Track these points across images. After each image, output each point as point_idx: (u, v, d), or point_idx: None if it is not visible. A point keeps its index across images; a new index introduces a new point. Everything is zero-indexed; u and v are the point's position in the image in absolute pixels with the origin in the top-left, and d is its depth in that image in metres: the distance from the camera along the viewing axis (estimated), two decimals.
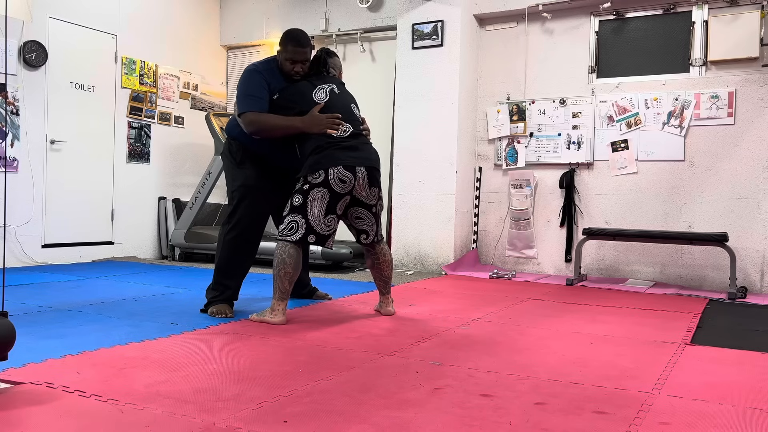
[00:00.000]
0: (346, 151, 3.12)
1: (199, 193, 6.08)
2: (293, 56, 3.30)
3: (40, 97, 5.50)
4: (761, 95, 4.85)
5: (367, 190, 3.19)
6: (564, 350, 2.73)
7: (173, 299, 3.86)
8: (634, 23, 5.36)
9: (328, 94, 3.28)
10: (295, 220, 3.09)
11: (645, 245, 5.18)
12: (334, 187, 3.07)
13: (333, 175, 3.06)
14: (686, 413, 1.92)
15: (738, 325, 3.49)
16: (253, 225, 3.41)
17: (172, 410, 1.84)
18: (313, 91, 3.27)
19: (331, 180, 3.06)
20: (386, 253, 3.41)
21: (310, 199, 3.07)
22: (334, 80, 3.40)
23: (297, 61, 3.31)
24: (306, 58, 3.34)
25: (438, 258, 5.67)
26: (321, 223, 3.09)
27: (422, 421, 1.81)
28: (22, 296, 3.82)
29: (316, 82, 3.31)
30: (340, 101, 3.30)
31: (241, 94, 3.29)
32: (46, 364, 2.30)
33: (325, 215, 3.09)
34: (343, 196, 3.12)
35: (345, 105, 3.30)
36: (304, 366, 2.36)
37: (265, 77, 3.29)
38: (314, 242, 3.12)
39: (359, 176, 3.12)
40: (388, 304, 3.46)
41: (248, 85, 3.28)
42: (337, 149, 3.11)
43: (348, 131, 3.20)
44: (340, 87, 3.38)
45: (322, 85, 3.31)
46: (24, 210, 5.36)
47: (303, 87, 3.29)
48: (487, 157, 5.93)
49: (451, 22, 5.63)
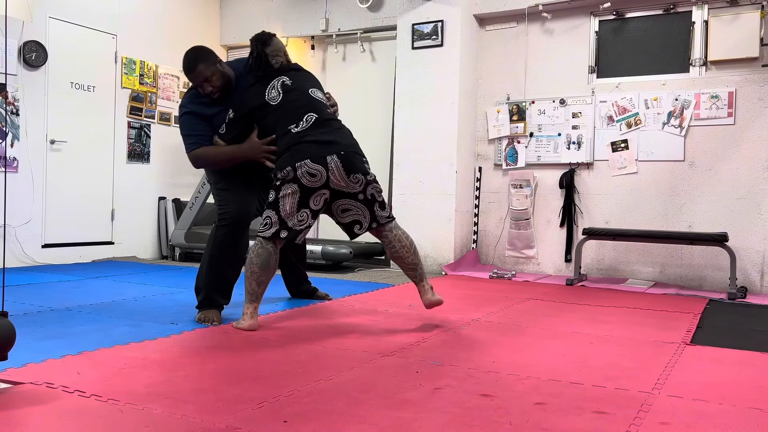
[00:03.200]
0: (313, 144, 2.97)
1: (199, 193, 6.08)
2: (192, 81, 3.28)
3: (40, 97, 5.49)
4: (761, 95, 4.85)
5: (345, 179, 2.97)
6: (564, 350, 2.73)
7: (173, 299, 3.86)
8: (634, 23, 5.36)
9: (280, 91, 3.12)
10: (269, 216, 3.00)
11: (645, 245, 5.18)
12: (304, 182, 2.93)
13: (301, 170, 2.92)
14: (686, 413, 1.92)
15: (738, 325, 3.49)
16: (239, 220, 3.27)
17: (172, 410, 1.84)
18: (264, 90, 3.13)
19: (300, 176, 2.92)
20: (402, 238, 3.13)
21: (281, 195, 2.97)
22: (284, 70, 3.20)
23: (200, 84, 3.25)
24: (205, 77, 3.23)
25: (438, 258, 5.67)
26: (293, 218, 2.97)
27: (422, 421, 1.81)
28: (22, 296, 3.81)
29: (266, 81, 3.15)
30: (296, 93, 3.12)
31: (182, 136, 3.33)
32: (46, 364, 2.30)
33: (298, 210, 2.97)
34: (317, 190, 2.96)
35: (302, 94, 3.12)
36: (304, 366, 2.36)
37: (193, 111, 3.29)
38: (285, 237, 3.00)
39: (331, 166, 2.94)
40: (426, 291, 3.16)
41: (182, 126, 3.32)
42: (304, 143, 2.97)
43: (312, 120, 3.04)
44: (292, 75, 3.19)
45: (273, 81, 3.15)
46: (24, 210, 5.36)
47: (255, 92, 3.16)
48: (487, 157, 5.93)
49: (451, 22, 5.63)
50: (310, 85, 3.21)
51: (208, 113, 3.28)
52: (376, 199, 3.09)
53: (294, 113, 3.08)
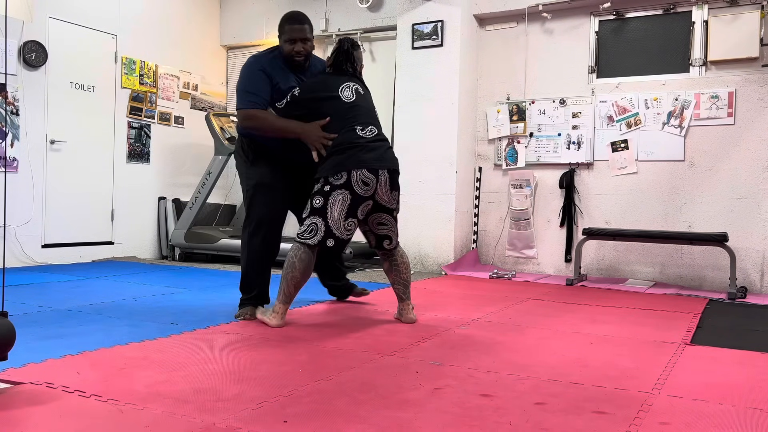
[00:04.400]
0: (370, 152, 2.99)
1: (199, 193, 6.08)
2: (290, 35, 3.17)
3: (40, 97, 5.49)
4: (761, 95, 4.85)
5: (389, 194, 3.06)
6: (564, 350, 2.73)
7: (173, 299, 3.86)
8: (634, 23, 5.36)
9: (354, 93, 3.13)
10: (315, 223, 2.97)
11: (645, 245, 5.18)
12: (357, 189, 2.94)
13: (356, 177, 2.92)
14: (686, 413, 1.92)
15: (738, 325, 3.49)
16: (269, 224, 3.28)
17: (172, 410, 1.84)
18: (339, 85, 3.11)
19: (353, 182, 2.93)
20: (404, 255, 3.28)
21: (331, 202, 2.94)
22: (356, 79, 3.22)
23: (296, 40, 3.16)
24: (305, 37, 3.19)
25: (438, 258, 5.67)
26: (341, 227, 2.97)
27: (422, 421, 1.81)
28: (22, 296, 3.81)
29: (340, 79, 3.15)
30: (366, 102, 3.17)
31: (240, 90, 3.19)
32: (46, 364, 2.30)
33: (345, 218, 2.96)
34: (365, 200, 2.99)
35: (369, 106, 3.18)
36: (304, 366, 2.36)
37: (266, 70, 3.16)
38: (332, 246, 3.00)
39: (381, 179, 2.99)
40: (409, 311, 3.26)
41: (248, 81, 3.18)
42: (361, 150, 2.97)
43: (373, 132, 3.07)
44: (364, 88, 3.24)
45: (347, 81, 3.15)
46: (24, 210, 5.36)
47: (328, 82, 3.14)
48: (487, 157, 5.93)
49: (451, 22, 5.63)
50: (373, 107, 3.25)
51: (276, 80, 3.18)
52: (397, 222, 3.23)
53: (362, 118, 3.09)
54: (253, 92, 3.16)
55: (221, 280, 4.79)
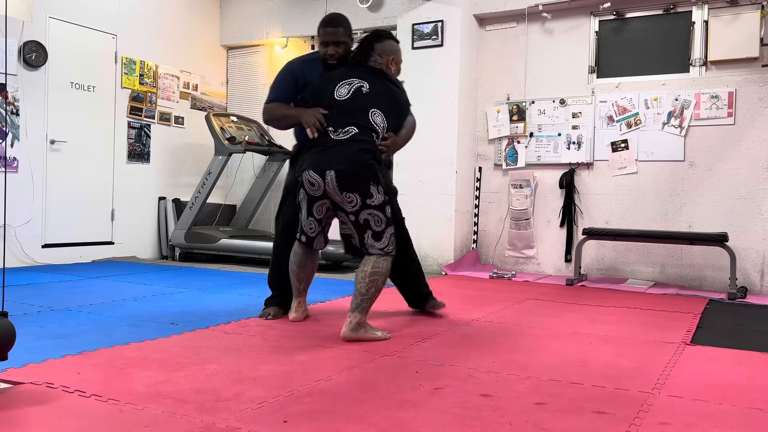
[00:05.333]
0: (322, 154, 2.93)
1: (199, 193, 6.08)
2: (324, 38, 3.27)
3: (40, 97, 5.49)
4: (761, 95, 4.85)
5: (340, 195, 2.88)
6: (564, 350, 2.73)
7: (173, 299, 3.86)
8: (634, 23, 5.36)
9: (351, 92, 3.04)
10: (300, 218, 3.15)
11: (645, 245, 5.18)
12: (307, 189, 2.98)
13: (305, 178, 2.96)
14: (686, 413, 1.92)
15: (738, 325, 3.49)
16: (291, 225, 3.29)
17: (172, 410, 1.84)
18: (336, 86, 3.06)
19: (304, 182, 2.97)
20: (375, 265, 2.86)
21: (299, 199, 3.09)
22: (369, 73, 3.11)
23: (328, 43, 3.25)
24: (337, 40, 3.23)
25: (438, 258, 5.67)
26: (305, 224, 3.09)
27: (422, 421, 1.81)
28: (22, 296, 3.81)
29: (346, 75, 3.10)
30: (360, 103, 3.01)
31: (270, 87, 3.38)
32: (46, 364, 2.30)
33: (306, 217, 3.06)
34: (317, 200, 2.97)
35: (364, 107, 3.00)
36: (304, 366, 2.36)
37: (294, 72, 3.29)
38: (305, 242, 3.12)
39: (328, 179, 2.87)
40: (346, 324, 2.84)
41: (275, 82, 3.36)
42: (317, 152, 2.96)
43: (350, 133, 2.95)
44: (374, 83, 3.07)
45: (352, 79, 3.07)
46: (24, 210, 5.36)
47: (326, 80, 3.13)
48: (487, 157, 5.93)
49: (451, 22, 5.63)
50: (378, 107, 3.04)
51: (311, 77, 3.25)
52: (369, 227, 2.88)
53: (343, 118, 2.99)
54: (274, 87, 3.34)
55: (221, 280, 4.79)
